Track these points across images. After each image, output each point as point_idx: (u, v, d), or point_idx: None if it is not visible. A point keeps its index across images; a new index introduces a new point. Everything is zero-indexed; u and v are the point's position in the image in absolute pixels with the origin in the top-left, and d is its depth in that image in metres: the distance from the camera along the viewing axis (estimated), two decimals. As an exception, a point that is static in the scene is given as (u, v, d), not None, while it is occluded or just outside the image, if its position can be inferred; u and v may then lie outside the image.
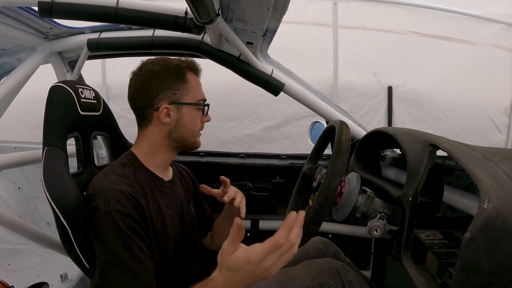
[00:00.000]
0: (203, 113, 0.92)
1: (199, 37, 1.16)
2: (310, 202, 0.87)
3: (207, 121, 0.95)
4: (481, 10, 2.72)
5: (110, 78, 2.62)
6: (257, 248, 0.57)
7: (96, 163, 1.02)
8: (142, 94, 0.85)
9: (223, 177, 0.93)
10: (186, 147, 0.92)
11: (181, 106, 0.86)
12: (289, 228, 0.58)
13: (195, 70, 0.92)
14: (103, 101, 1.03)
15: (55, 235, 0.83)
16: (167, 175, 0.95)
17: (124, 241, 0.71)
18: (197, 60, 1.21)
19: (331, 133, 0.87)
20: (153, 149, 0.88)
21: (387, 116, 2.72)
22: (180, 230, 0.91)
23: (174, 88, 0.85)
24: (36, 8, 0.95)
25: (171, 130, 0.87)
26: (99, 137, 1.33)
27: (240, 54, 1.17)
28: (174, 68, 0.87)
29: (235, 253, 0.58)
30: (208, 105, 0.93)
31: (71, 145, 0.90)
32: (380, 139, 1.00)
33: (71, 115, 0.86)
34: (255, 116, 2.67)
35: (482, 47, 2.74)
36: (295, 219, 0.59)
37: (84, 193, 0.80)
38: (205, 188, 0.95)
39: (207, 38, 1.16)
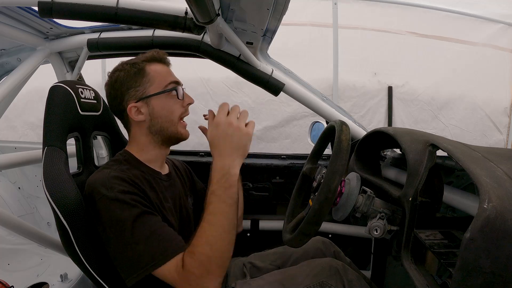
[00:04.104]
0: (178, 97, 0.88)
1: (199, 37, 1.16)
2: (310, 202, 0.86)
3: (190, 103, 0.90)
4: (481, 10, 2.72)
5: (110, 78, 2.62)
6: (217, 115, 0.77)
7: (96, 163, 1.02)
8: (113, 102, 0.89)
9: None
10: (171, 139, 0.90)
11: (148, 100, 0.86)
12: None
13: (156, 60, 0.89)
14: (103, 101, 1.03)
15: (55, 235, 0.83)
16: (163, 169, 0.95)
17: (137, 214, 0.71)
18: (197, 60, 1.21)
19: (331, 133, 0.87)
20: (142, 147, 0.89)
21: (387, 116, 2.72)
22: (179, 223, 0.92)
23: (135, 85, 0.86)
24: (36, 8, 0.95)
25: (149, 125, 0.87)
26: (99, 137, 1.33)
27: (240, 54, 1.16)
28: (132, 67, 0.87)
29: (209, 127, 0.78)
30: (175, 87, 0.88)
31: (71, 145, 0.90)
32: (380, 139, 1.00)
33: (71, 115, 0.86)
34: (255, 116, 2.68)
35: (482, 47, 2.75)
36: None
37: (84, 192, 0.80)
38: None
39: (207, 38, 1.16)
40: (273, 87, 1.20)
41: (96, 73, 2.57)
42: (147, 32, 1.19)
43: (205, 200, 0.75)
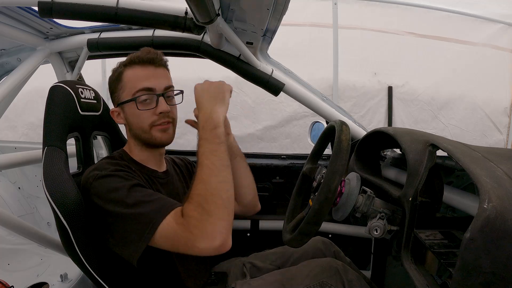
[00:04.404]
0: (137, 108, 0.82)
1: (199, 37, 1.16)
2: (310, 202, 0.86)
3: (162, 112, 0.83)
4: (481, 10, 2.72)
5: (110, 78, 2.63)
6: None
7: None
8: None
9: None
10: (148, 144, 0.87)
11: (123, 106, 0.86)
12: None
13: (135, 62, 0.84)
14: (103, 101, 1.03)
15: (55, 235, 0.83)
16: (161, 167, 0.95)
17: (132, 184, 0.73)
18: (197, 60, 1.19)
19: (331, 133, 0.87)
20: (133, 148, 0.90)
21: (387, 116, 2.72)
22: None
23: (115, 90, 0.87)
24: (36, 8, 0.95)
25: (129, 129, 0.89)
26: (99, 137, 1.33)
27: (240, 54, 1.16)
28: (116, 71, 0.87)
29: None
30: (141, 95, 0.81)
31: (71, 145, 0.90)
32: (380, 139, 1.00)
33: (71, 115, 0.86)
34: (255, 116, 2.68)
35: (482, 47, 2.75)
36: None
37: None
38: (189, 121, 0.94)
39: (207, 38, 1.16)
40: (273, 87, 1.21)
41: (96, 73, 2.57)
42: (147, 32, 1.19)
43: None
